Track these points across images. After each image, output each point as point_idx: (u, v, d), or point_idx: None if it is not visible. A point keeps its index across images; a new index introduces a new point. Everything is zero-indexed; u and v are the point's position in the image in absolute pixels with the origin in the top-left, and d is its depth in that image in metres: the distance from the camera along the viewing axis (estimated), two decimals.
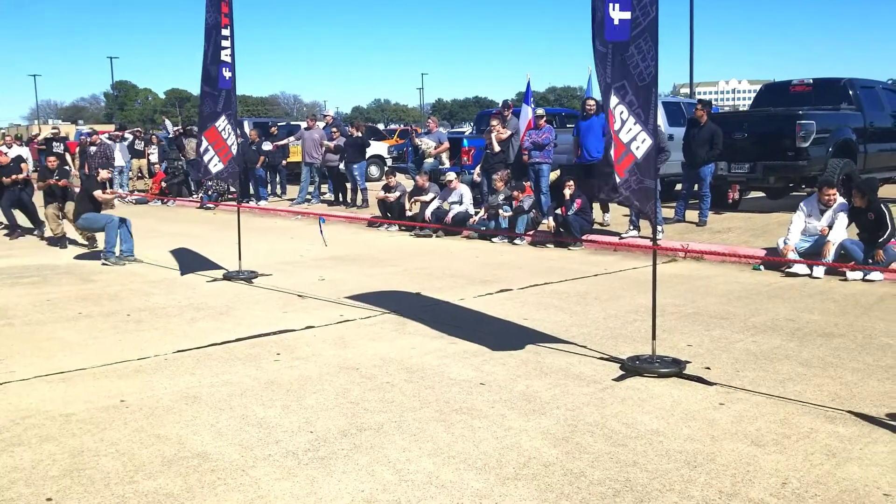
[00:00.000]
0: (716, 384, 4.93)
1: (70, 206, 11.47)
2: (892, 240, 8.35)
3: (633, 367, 5.22)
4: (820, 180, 9.70)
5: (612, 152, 5.26)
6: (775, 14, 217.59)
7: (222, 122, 8.99)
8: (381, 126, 47.03)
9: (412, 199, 13.29)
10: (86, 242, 11.32)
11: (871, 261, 8.20)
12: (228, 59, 8.84)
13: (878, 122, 13.22)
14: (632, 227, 11.12)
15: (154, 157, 20.91)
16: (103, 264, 9.86)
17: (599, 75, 5.25)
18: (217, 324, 6.74)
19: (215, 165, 9.14)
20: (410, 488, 3.54)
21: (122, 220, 10.19)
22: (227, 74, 8.89)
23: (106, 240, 10.00)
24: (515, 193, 11.87)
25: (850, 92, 13.19)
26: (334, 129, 16.97)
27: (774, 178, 12.45)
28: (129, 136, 21.59)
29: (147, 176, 21.13)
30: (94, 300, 7.79)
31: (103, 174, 10.95)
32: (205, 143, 9.16)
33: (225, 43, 8.81)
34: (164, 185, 19.40)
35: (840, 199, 8.94)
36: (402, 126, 42.35)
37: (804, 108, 12.33)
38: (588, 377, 5.12)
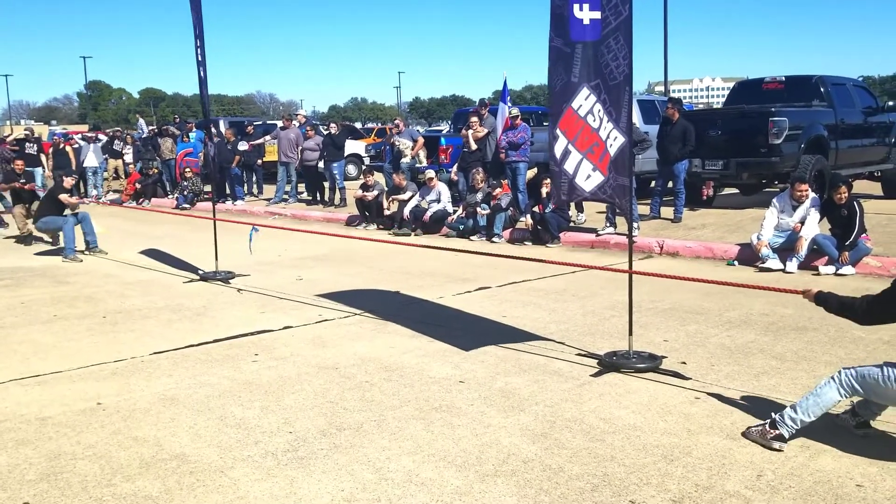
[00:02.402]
0: (691, 379, 4.99)
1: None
2: (863, 235, 8.49)
3: (610, 363, 5.27)
4: (792, 176, 9.82)
5: (553, 151, 5.29)
6: (748, 12, 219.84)
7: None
8: (358, 125, 46.87)
9: (390, 198, 13.28)
10: (50, 240, 11.75)
11: (838, 262, 8.32)
12: (200, 59, 8.78)
13: (849, 118, 13.40)
14: (608, 225, 11.19)
15: (129, 158, 20.71)
16: (63, 261, 10.23)
17: (555, 75, 5.25)
18: (194, 325, 6.71)
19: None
20: (390, 487, 3.55)
21: (82, 217, 10.83)
22: (202, 73, 8.83)
23: (65, 239, 10.54)
24: (493, 192, 11.91)
25: (822, 89, 13.36)
26: (309, 129, 16.91)
27: (748, 175, 12.59)
28: (104, 137, 21.31)
29: (122, 177, 20.90)
30: (69, 302, 7.71)
31: (68, 181, 11.56)
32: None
33: (198, 42, 8.75)
34: (138, 186, 19.21)
35: (812, 195, 9.06)
36: (379, 125, 42.24)
37: (777, 106, 12.47)
38: (566, 373, 5.16)
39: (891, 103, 15.04)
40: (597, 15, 5.10)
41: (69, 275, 9.30)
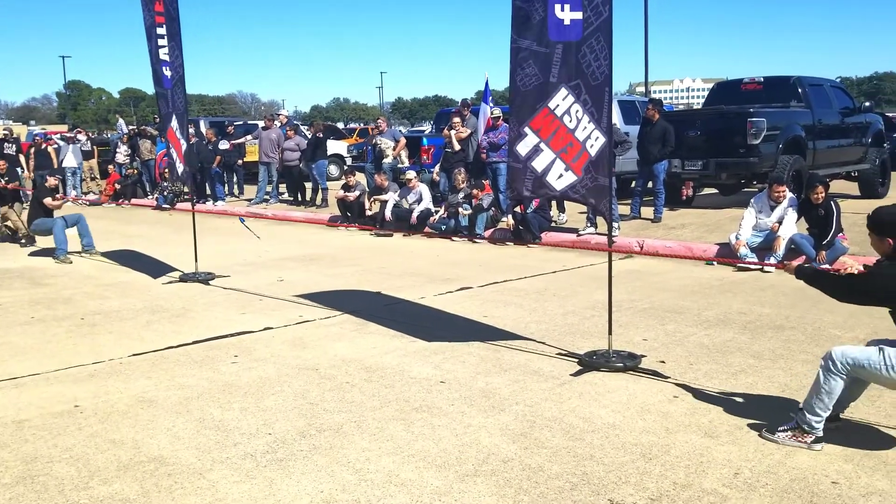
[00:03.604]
0: (670, 377, 5.03)
1: (19, 206, 12.43)
2: (840, 234, 8.58)
3: (590, 362, 5.29)
4: (770, 177, 9.91)
5: (516, 148, 5.32)
6: (728, 13, 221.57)
7: (174, 123, 8.89)
8: (340, 125, 46.77)
9: (371, 199, 13.27)
10: (24, 241, 11.84)
11: (815, 262, 8.40)
12: (166, 58, 8.71)
13: (826, 119, 13.54)
14: (589, 225, 11.25)
15: (121, 157, 20.22)
16: (55, 262, 10.17)
17: (525, 75, 5.26)
18: (173, 326, 6.66)
19: (180, 167, 9.08)
20: (370, 488, 3.55)
21: (77, 219, 10.81)
22: (169, 73, 8.76)
23: (55, 240, 10.42)
24: (475, 192, 11.93)
25: (800, 90, 13.49)
26: (289, 129, 16.86)
27: (726, 175, 12.69)
28: (83, 138, 21.06)
29: (98, 177, 20.69)
30: (47, 304, 7.64)
31: (51, 181, 11.52)
32: (170, 146, 9.15)
33: (162, 42, 8.68)
34: (117, 186, 19.04)
35: (790, 195, 9.15)
36: (361, 125, 42.16)
37: (755, 106, 12.58)
38: (546, 373, 5.18)
39: (867, 104, 15.22)
40: (578, 15, 5.12)
41: (47, 276, 9.21)
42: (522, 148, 5.34)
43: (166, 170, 17.91)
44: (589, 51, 5.13)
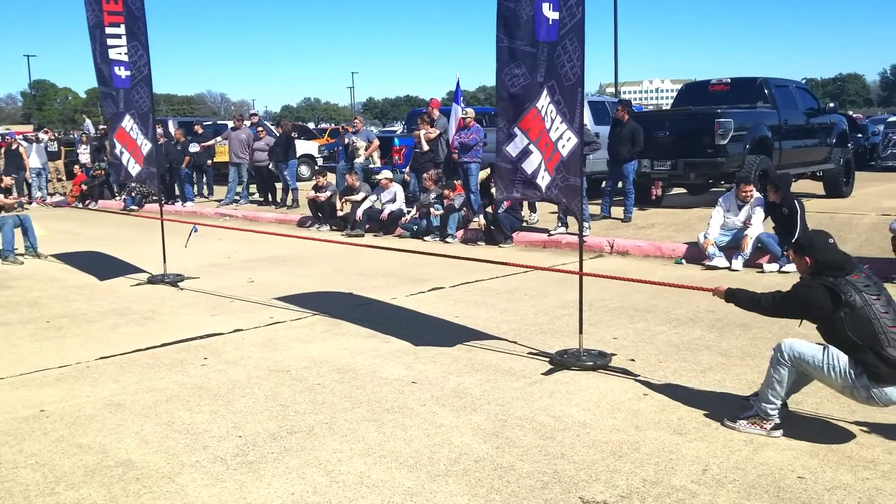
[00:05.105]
0: (640, 375, 5.07)
1: None
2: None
3: (561, 361, 5.33)
4: (737, 176, 10.05)
5: (506, 149, 5.36)
6: (697, 15, 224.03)
7: (128, 122, 8.75)
8: (311, 125, 46.53)
9: (343, 199, 13.21)
10: None
11: (784, 256, 8.53)
12: (123, 58, 8.60)
13: (792, 119, 13.75)
14: (560, 224, 11.31)
15: (85, 158, 19.96)
16: (2, 264, 10.10)
17: (513, 75, 5.29)
18: (142, 329, 6.58)
19: (133, 168, 8.92)
20: (341, 489, 3.54)
21: (23, 219, 10.69)
22: (124, 73, 8.63)
23: (3, 241, 10.35)
24: (446, 192, 11.93)
25: (766, 91, 13.69)
26: (260, 129, 16.74)
27: (695, 175, 12.84)
28: (45, 137, 20.70)
29: (64, 178, 20.37)
30: (11, 307, 7.50)
31: (6, 180, 11.48)
32: (118, 146, 8.96)
33: (117, 42, 8.56)
34: (84, 187, 18.76)
35: (756, 195, 9.28)
36: (332, 125, 41.97)
37: (722, 107, 12.75)
38: (518, 372, 5.20)
39: (831, 105, 15.49)
40: (556, 16, 5.16)
41: (12, 279, 9.05)
42: (512, 149, 5.36)
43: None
44: (563, 51, 5.18)
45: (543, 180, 5.36)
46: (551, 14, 5.17)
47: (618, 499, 3.41)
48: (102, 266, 9.73)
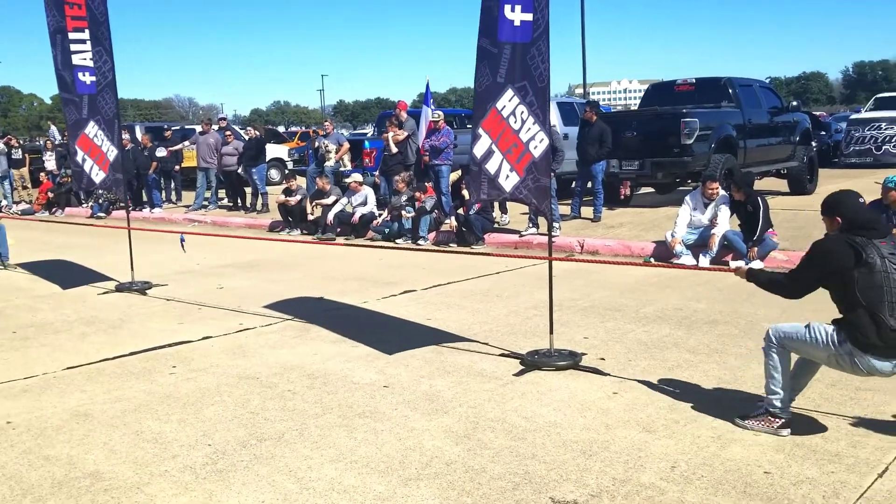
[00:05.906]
0: (610, 374, 5.12)
1: None
2: (770, 230, 8.86)
3: (532, 362, 5.36)
4: (703, 175, 10.17)
5: (473, 150, 5.40)
6: (663, 15, 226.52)
7: (92, 129, 8.63)
8: (281, 128, 46.24)
9: (314, 203, 13.15)
10: None
11: (747, 258, 8.62)
12: (88, 63, 8.49)
13: (756, 118, 13.94)
14: (531, 225, 11.37)
15: (51, 164, 19.63)
16: None
17: (482, 75, 5.34)
18: (109, 338, 6.51)
19: (97, 175, 8.79)
20: (312, 496, 3.53)
21: None
22: (89, 79, 8.52)
23: None
24: (417, 194, 11.93)
25: (730, 90, 13.86)
26: (228, 133, 16.61)
27: (662, 174, 12.97)
28: (2, 147, 20.30)
29: (30, 185, 20.03)
30: None
31: None
32: (80, 153, 8.81)
33: (81, 46, 8.45)
34: (50, 195, 18.47)
35: (722, 193, 9.41)
36: (302, 128, 41.75)
37: (688, 107, 12.89)
38: (489, 374, 5.22)
39: (795, 103, 15.72)
40: (528, 17, 5.19)
41: None
42: (478, 150, 5.40)
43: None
44: (537, 52, 5.22)
45: (508, 181, 5.40)
46: (520, 15, 5.20)
47: (588, 498, 3.44)
48: (70, 274, 9.59)
